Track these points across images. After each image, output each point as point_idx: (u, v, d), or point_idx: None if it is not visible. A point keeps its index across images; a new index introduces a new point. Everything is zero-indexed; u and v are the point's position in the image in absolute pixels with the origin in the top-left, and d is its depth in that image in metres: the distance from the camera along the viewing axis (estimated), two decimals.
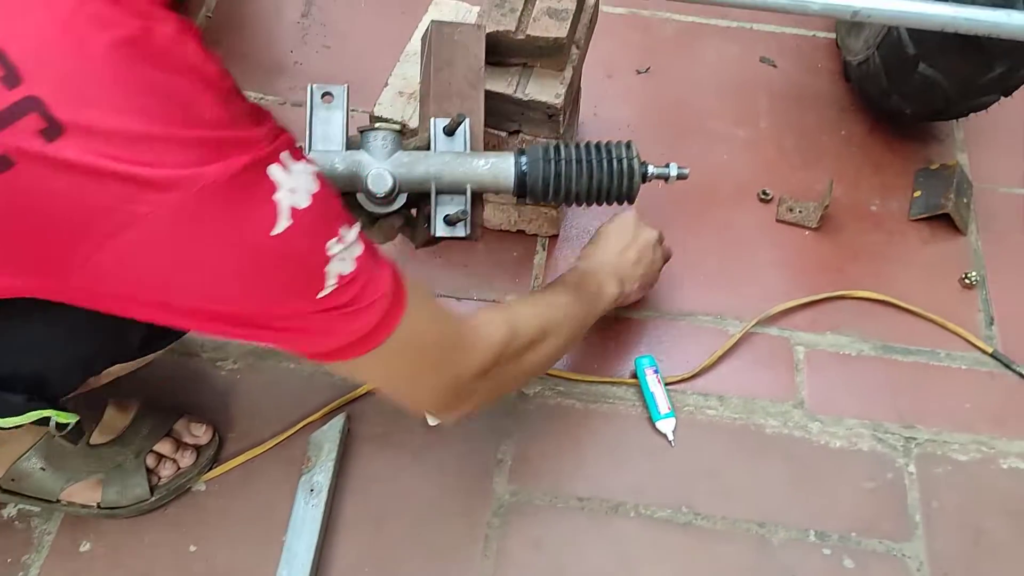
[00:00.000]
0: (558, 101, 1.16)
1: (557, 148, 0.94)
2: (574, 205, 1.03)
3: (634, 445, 1.18)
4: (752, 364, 1.26)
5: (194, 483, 1.10)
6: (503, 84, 1.18)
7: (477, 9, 1.35)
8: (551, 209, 1.33)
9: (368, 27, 1.65)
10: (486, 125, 1.21)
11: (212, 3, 1.67)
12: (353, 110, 1.51)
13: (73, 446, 1.03)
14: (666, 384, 1.21)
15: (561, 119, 1.18)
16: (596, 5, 1.28)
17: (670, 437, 1.18)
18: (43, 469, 1.03)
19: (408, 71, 1.26)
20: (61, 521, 1.07)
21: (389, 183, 0.88)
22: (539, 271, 1.34)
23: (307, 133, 0.92)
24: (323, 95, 0.94)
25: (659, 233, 1.21)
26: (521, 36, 1.14)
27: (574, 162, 0.93)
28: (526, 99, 1.16)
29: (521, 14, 1.15)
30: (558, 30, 1.14)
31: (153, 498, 1.06)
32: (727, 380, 1.24)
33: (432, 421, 1.16)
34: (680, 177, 0.98)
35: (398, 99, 1.23)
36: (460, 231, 0.93)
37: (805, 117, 1.55)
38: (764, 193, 1.43)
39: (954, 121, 1.54)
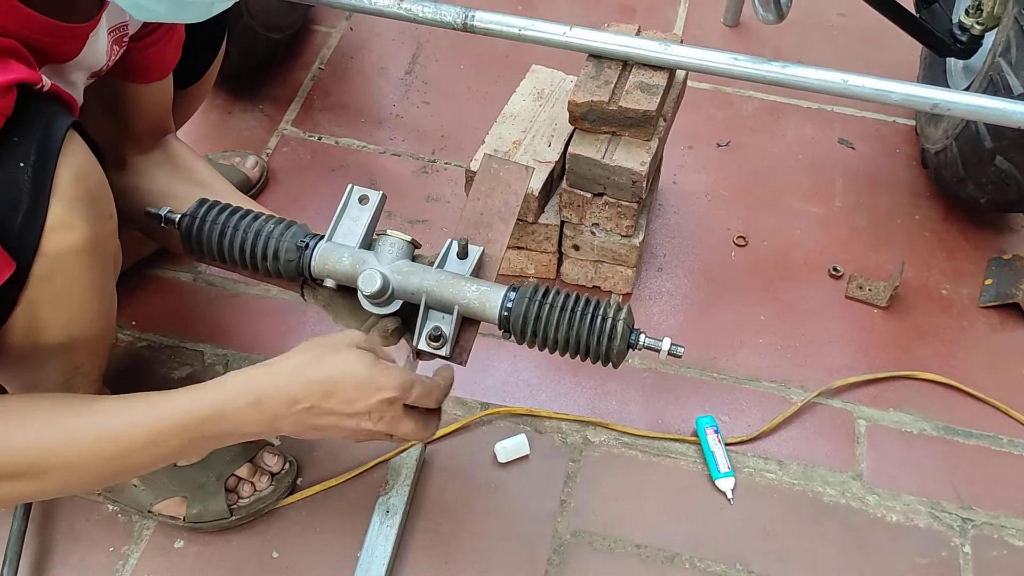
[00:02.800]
0: (643, 169, 1.24)
1: (547, 291, 0.92)
2: (558, 354, 0.94)
3: (693, 500, 1.22)
4: (813, 433, 1.30)
5: (273, 507, 1.17)
6: (592, 149, 1.26)
7: (573, 78, 1.45)
8: (627, 268, 1.40)
9: (466, 87, 1.77)
10: (574, 186, 1.31)
11: (325, 56, 1.82)
12: (447, 163, 1.65)
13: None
14: (726, 445, 1.26)
15: (644, 185, 1.26)
16: (684, 82, 1.37)
17: (729, 495, 1.22)
18: (136, 485, 1.13)
19: (504, 131, 1.36)
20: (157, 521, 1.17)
21: (378, 284, 0.91)
22: None
23: (333, 225, 0.97)
24: (360, 198, 0.98)
25: (408, 384, 0.85)
26: (613, 107, 1.23)
27: (557, 308, 0.90)
28: (613, 165, 1.25)
29: (615, 86, 1.25)
30: (648, 103, 1.22)
31: (233, 518, 1.14)
32: (788, 446, 1.28)
33: (503, 457, 1.23)
34: (672, 355, 0.90)
35: None
36: (442, 350, 0.93)
37: (880, 199, 1.60)
38: (835, 269, 1.48)
39: None
